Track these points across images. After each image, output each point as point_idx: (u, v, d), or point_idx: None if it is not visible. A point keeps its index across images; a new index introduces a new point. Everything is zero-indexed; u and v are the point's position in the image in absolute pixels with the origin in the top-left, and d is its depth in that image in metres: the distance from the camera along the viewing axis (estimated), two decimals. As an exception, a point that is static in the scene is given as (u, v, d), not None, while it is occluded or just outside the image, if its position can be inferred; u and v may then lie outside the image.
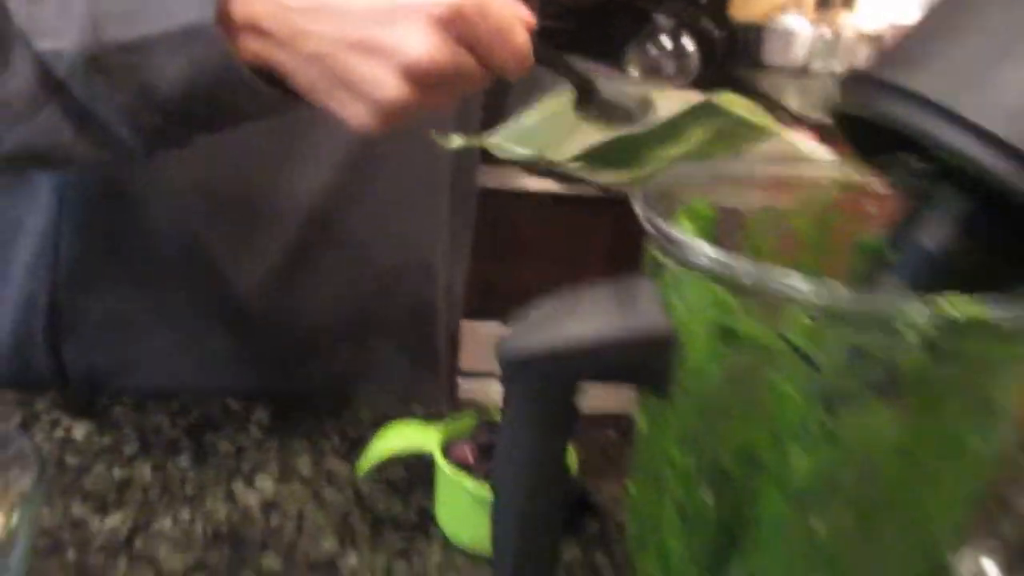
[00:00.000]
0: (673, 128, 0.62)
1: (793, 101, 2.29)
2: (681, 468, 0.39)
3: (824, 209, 0.45)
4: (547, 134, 0.66)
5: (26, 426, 0.76)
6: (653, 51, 2.38)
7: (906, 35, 0.37)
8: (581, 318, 0.37)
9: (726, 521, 0.39)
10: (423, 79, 0.51)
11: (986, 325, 0.32)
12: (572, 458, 0.64)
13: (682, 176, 0.47)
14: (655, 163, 0.65)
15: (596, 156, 0.64)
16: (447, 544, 0.66)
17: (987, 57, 0.34)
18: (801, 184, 0.47)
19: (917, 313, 0.32)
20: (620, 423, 0.79)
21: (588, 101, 0.65)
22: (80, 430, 0.75)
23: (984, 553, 0.60)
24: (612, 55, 2.40)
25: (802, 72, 2.56)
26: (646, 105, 0.67)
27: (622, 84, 0.72)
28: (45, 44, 0.55)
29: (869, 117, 0.37)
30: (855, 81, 0.38)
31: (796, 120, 2.08)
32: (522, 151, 0.64)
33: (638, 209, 0.40)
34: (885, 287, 0.37)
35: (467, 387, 1.10)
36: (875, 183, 0.44)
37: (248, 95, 0.55)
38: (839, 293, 0.34)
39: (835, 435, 0.35)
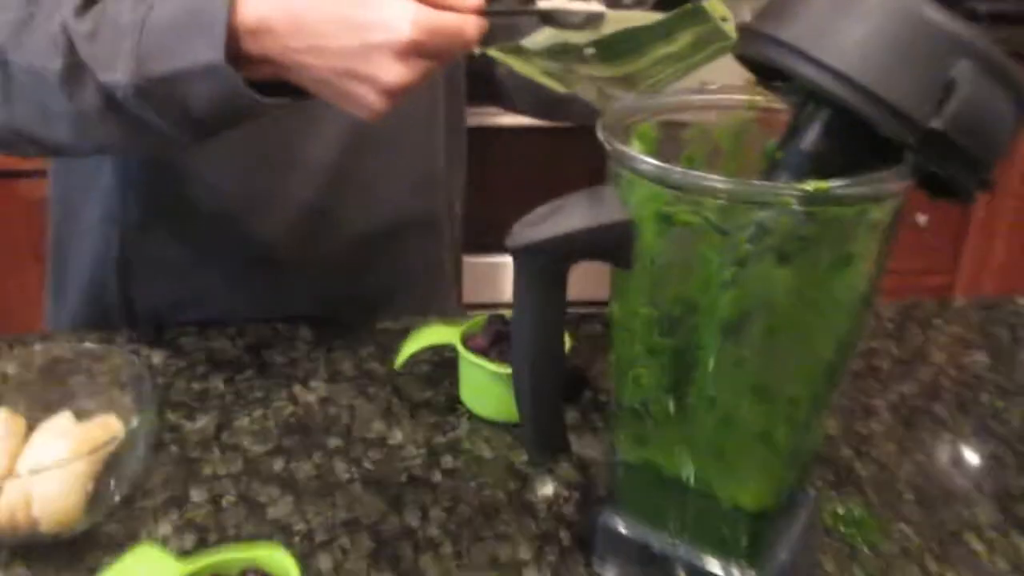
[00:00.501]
0: (667, 27, 0.68)
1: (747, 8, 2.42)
2: (644, 318, 0.55)
3: (738, 124, 0.61)
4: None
5: (113, 356, 0.92)
6: (614, -17, 2.49)
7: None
8: (566, 215, 0.53)
9: (680, 353, 0.55)
10: (401, 93, 0.65)
11: (832, 196, 0.48)
12: (567, 344, 0.80)
13: (632, 106, 0.62)
14: (650, 59, 0.70)
15: (604, 44, 0.70)
16: (472, 417, 0.82)
17: (829, 14, 0.49)
18: (722, 106, 0.62)
19: (790, 192, 0.48)
20: (603, 318, 0.95)
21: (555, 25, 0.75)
22: (157, 356, 0.91)
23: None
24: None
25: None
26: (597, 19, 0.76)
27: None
28: (104, 76, 0.68)
29: (757, 59, 0.53)
30: (746, 32, 0.53)
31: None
32: (544, 45, 0.70)
33: (600, 134, 0.55)
34: (775, 177, 0.53)
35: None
36: (774, 102, 0.59)
37: (263, 108, 0.69)
38: (740, 183, 0.50)
39: (744, 282, 0.51)
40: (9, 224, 2.15)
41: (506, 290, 2.09)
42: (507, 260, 0.56)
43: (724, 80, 0.63)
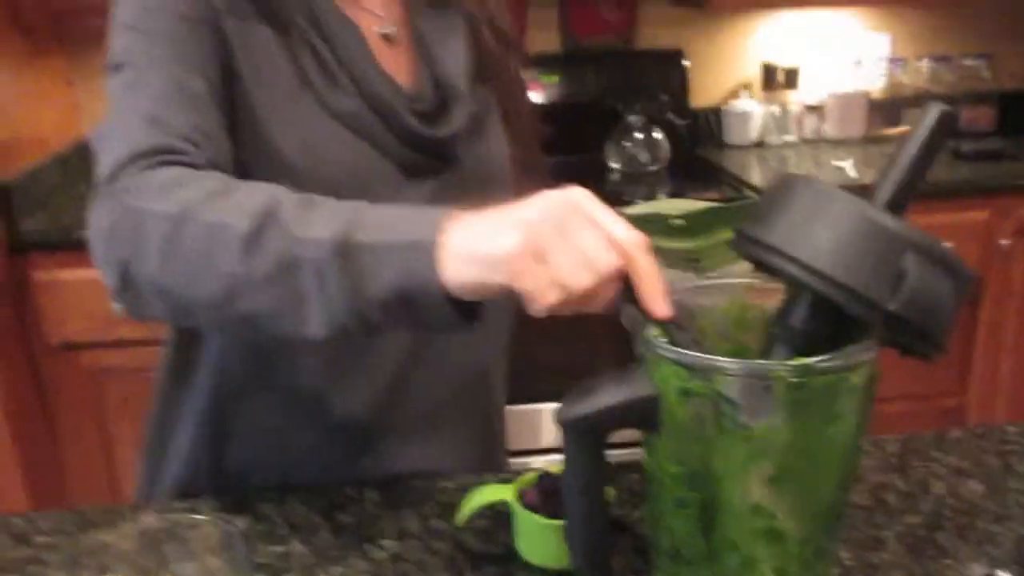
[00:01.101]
0: (731, 215, 0.75)
1: (754, 173, 2.59)
2: (672, 473, 0.66)
3: (742, 303, 0.74)
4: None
5: (202, 525, 1.03)
6: (628, 145, 2.67)
7: (761, 207, 0.65)
8: (603, 393, 0.65)
9: (705, 503, 0.66)
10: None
11: (815, 368, 0.60)
12: (611, 493, 0.90)
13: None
14: (717, 239, 0.78)
15: (692, 218, 0.78)
16: (529, 566, 0.92)
17: (802, 221, 0.62)
18: (728, 288, 0.75)
19: (783, 368, 0.60)
20: (638, 466, 1.05)
21: None
22: (241, 521, 1.01)
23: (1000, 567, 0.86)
24: (593, 152, 2.70)
25: (759, 146, 2.86)
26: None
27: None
28: (302, 232, 0.71)
29: (750, 259, 0.66)
30: (739, 236, 0.67)
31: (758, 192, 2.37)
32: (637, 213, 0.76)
33: (625, 322, 0.68)
34: (772, 350, 0.65)
35: (513, 463, 1.36)
36: (770, 283, 0.72)
37: (435, 309, 0.70)
38: (742, 363, 0.62)
39: (751, 437, 0.62)
40: (72, 392, 2.29)
41: (543, 436, 2.21)
42: (545, 407, 0.68)
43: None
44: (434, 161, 1.03)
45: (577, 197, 0.67)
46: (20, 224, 2.21)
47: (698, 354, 0.62)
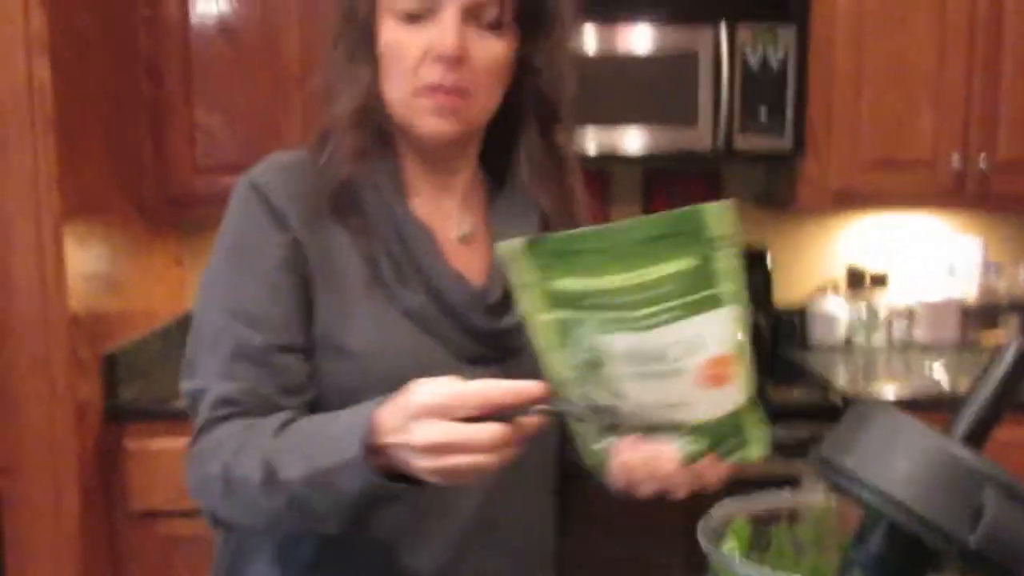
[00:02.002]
0: (649, 228, 0.83)
1: (841, 376, 2.57)
2: None
3: (817, 522, 0.73)
4: None
5: None
6: (711, 340, 2.68)
7: (840, 431, 0.66)
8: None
9: None
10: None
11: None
12: None
13: (728, 506, 0.75)
14: (640, 279, 0.83)
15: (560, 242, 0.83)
16: None
17: (880, 449, 0.63)
18: (804, 506, 0.75)
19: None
20: None
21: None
22: None
23: None
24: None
25: (845, 348, 2.84)
26: None
27: None
28: (290, 475, 0.90)
29: (828, 486, 0.66)
30: (818, 460, 0.67)
31: (844, 399, 2.34)
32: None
33: (700, 536, 0.68)
34: (848, 573, 0.65)
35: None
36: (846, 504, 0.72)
37: (399, 492, 0.87)
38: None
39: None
40: (145, 559, 2.32)
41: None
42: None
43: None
44: (496, 350, 1.08)
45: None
46: (120, 394, 2.31)
47: (763, 569, 0.62)
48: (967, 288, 2.87)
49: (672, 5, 2.47)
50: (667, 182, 2.90)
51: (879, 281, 2.82)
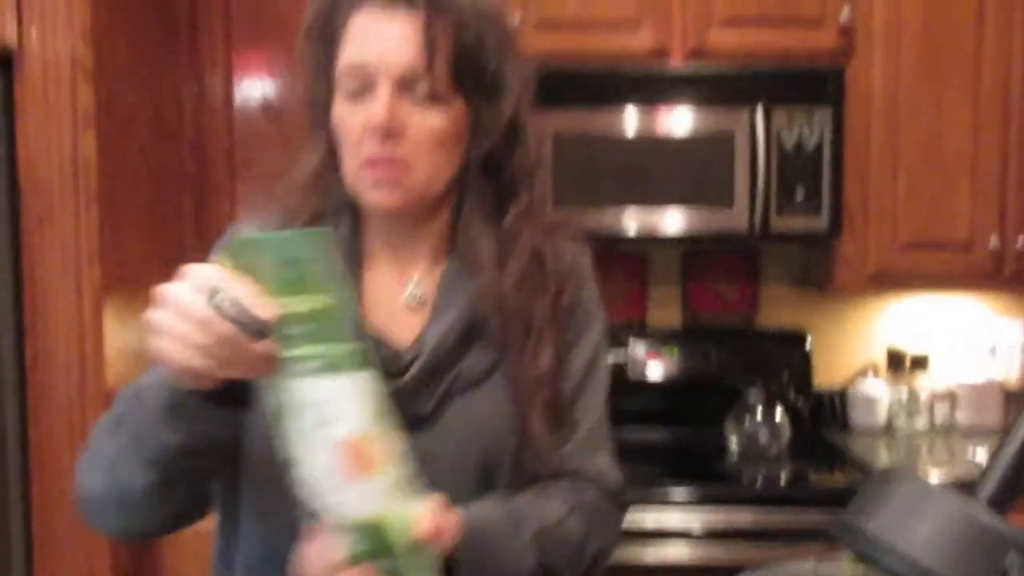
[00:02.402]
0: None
1: (882, 460, 2.51)
2: None
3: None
4: None
5: None
6: (748, 422, 2.64)
7: (863, 496, 0.64)
8: None
9: None
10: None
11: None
12: None
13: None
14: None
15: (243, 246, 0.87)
16: None
17: (903, 514, 0.61)
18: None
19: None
20: None
21: None
22: None
23: None
24: (711, 427, 2.68)
25: (886, 431, 2.78)
26: None
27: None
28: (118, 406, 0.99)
29: (851, 550, 0.64)
30: (840, 525, 0.65)
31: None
32: None
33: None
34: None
35: None
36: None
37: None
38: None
39: None
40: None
41: None
42: None
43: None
44: (406, 416, 1.01)
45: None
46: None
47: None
48: (1009, 370, 2.82)
49: (710, 87, 2.50)
50: (705, 263, 2.90)
51: (919, 363, 2.77)
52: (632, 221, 2.50)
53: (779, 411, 2.64)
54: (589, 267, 1.19)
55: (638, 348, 2.79)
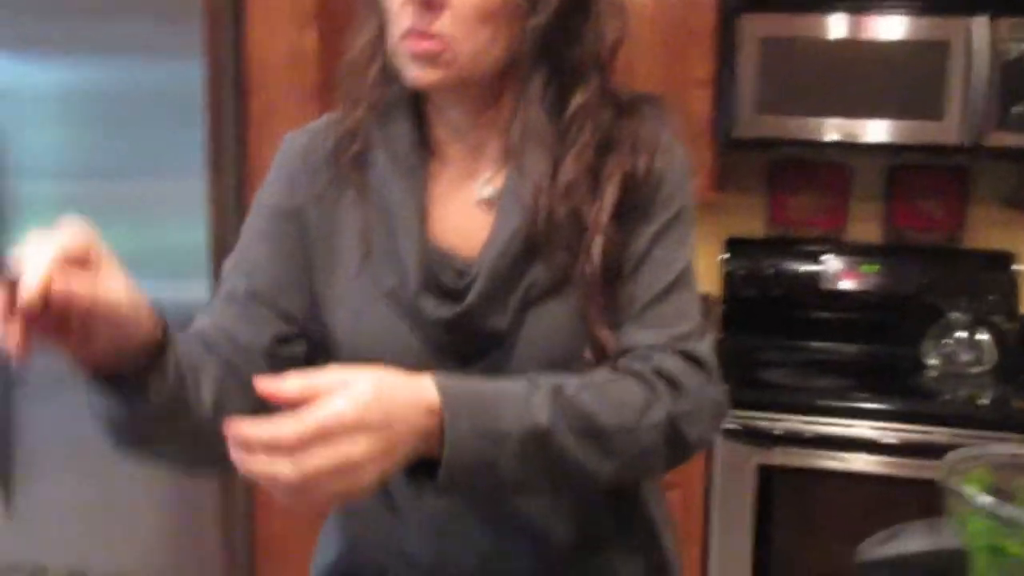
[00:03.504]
0: None
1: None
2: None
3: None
4: None
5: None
6: (949, 342, 2.56)
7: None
8: (907, 539, 0.65)
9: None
10: None
11: None
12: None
13: (968, 454, 0.74)
14: None
15: None
16: None
17: None
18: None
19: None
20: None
21: None
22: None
23: None
24: (907, 346, 2.61)
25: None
26: None
27: None
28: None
29: None
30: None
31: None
32: None
33: (939, 474, 0.68)
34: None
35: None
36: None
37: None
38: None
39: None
40: None
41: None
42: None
43: None
44: (470, 343, 1.00)
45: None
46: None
47: (1014, 507, 0.61)
48: None
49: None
50: (911, 178, 2.79)
51: None
52: (836, 130, 2.43)
53: (983, 333, 2.54)
54: (670, 137, 1.05)
55: (836, 262, 2.74)
